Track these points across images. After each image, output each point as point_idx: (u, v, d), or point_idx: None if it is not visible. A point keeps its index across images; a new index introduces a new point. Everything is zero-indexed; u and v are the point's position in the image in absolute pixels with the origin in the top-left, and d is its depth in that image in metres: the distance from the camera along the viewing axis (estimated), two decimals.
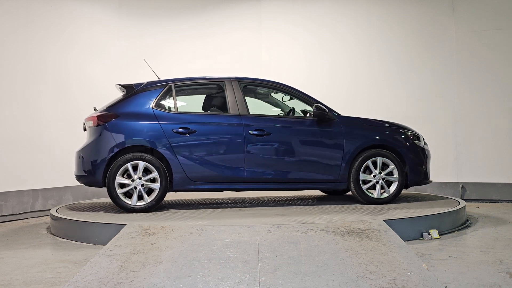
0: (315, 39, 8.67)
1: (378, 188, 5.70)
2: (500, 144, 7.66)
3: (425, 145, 6.03)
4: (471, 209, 6.79)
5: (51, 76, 7.48)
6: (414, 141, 5.89)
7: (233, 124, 5.54)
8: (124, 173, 5.37)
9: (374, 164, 5.68)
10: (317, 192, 7.12)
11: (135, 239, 4.13)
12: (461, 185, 7.82)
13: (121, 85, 5.74)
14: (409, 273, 3.33)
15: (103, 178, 5.37)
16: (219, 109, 5.88)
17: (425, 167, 5.91)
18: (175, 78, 5.81)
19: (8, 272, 3.93)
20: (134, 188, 5.36)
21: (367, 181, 5.69)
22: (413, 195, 6.74)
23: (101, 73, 8.15)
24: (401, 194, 5.96)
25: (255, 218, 4.91)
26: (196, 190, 5.57)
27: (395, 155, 5.73)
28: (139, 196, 5.39)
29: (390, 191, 5.72)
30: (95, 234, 4.87)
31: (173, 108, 5.61)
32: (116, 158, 5.37)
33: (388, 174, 5.71)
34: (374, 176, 5.69)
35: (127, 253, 3.78)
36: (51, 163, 7.33)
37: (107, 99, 6.07)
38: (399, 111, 8.00)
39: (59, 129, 7.48)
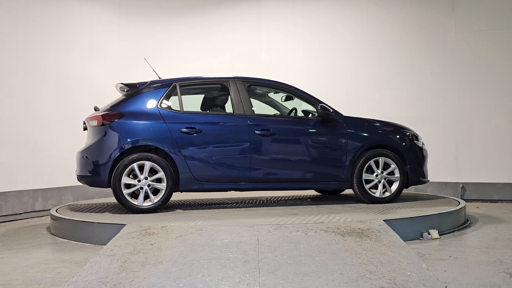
0: (315, 39, 8.67)
1: (380, 187, 5.76)
2: (500, 144, 7.66)
3: (423, 145, 6.13)
4: (471, 209, 6.79)
5: (51, 76, 7.48)
6: (414, 141, 6.00)
7: (239, 124, 5.53)
8: (130, 174, 5.31)
9: (376, 164, 5.75)
10: (316, 192, 7.11)
11: (135, 239, 4.13)
12: (461, 185, 7.82)
13: (125, 84, 5.68)
14: (409, 273, 3.33)
15: (108, 179, 5.30)
16: (222, 108, 5.89)
17: (424, 167, 6.02)
18: (178, 78, 5.77)
19: (8, 272, 3.93)
20: (141, 189, 5.31)
21: (369, 180, 5.75)
22: (413, 195, 6.74)
23: (101, 73, 8.15)
24: (401, 194, 6.01)
25: (255, 218, 4.91)
26: (202, 190, 5.55)
27: (396, 155, 5.80)
28: (143, 197, 5.34)
29: (391, 190, 5.79)
30: (95, 234, 4.87)
31: (178, 108, 5.56)
32: (122, 158, 5.31)
33: (389, 174, 5.79)
34: (376, 175, 5.76)
35: (127, 253, 3.78)
36: (51, 163, 7.32)
37: (107, 99, 6.07)
38: (399, 111, 8.00)
39: (59, 129, 7.48)
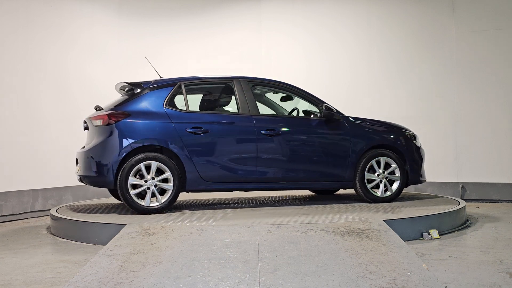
0: (315, 39, 8.67)
1: (382, 187, 5.83)
2: (500, 144, 7.66)
3: (420, 145, 6.22)
4: (471, 209, 6.79)
5: (51, 76, 7.48)
6: (413, 141, 6.10)
7: (245, 124, 5.54)
8: (136, 174, 5.25)
9: (378, 163, 5.81)
10: (313, 192, 7.11)
11: (135, 239, 4.13)
12: (461, 185, 7.82)
13: (129, 83, 5.61)
14: (409, 273, 3.33)
15: (114, 179, 5.22)
16: (227, 108, 5.89)
17: (422, 166, 6.12)
18: (183, 77, 5.74)
19: (8, 272, 3.93)
20: (147, 189, 5.26)
21: (370, 180, 5.81)
22: (413, 195, 6.75)
23: (101, 73, 8.15)
24: (401, 194, 6.05)
25: (255, 218, 4.90)
26: (209, 190, 5.53)
27: (396, 154, 5.88)
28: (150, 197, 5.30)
29: (392, 189, 5.87)
30: (95, 234, 4.87)
31: (184, 107, 5.53)
32: (128, 158, 5.24)
33: (390, 173, 5.87)
34: (378, 175, 5.82)
35: (127, 253, 3.78)
36: (51, 163, 7.32)
37: (107, 99, 6.06)
38: (399, 111, 8.00)
39: (59, 129, 7.48)
